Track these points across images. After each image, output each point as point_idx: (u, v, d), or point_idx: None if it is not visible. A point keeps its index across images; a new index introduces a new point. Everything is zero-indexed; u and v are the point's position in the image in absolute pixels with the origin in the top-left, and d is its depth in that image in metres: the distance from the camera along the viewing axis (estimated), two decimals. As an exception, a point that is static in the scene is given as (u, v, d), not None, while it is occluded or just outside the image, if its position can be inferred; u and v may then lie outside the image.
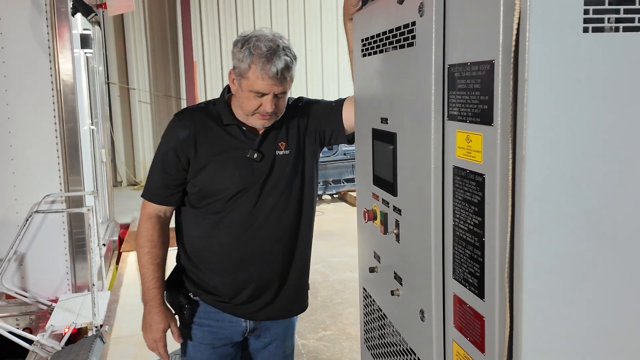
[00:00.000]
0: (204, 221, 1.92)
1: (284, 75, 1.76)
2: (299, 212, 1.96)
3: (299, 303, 2.09)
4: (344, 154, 8.62)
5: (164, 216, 1.97)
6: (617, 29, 0.95)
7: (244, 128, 1.89)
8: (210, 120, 1.90)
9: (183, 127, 1.89)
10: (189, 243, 1.99)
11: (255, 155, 1.87)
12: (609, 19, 0.94)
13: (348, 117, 1.92)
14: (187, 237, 1.99)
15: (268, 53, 1.73)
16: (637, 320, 1.03)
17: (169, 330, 1.96)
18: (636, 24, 0.95)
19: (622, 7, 0.95)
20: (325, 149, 2.59)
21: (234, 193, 1.87)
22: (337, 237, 6.54)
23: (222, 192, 1.87)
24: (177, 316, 2.00)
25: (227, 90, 1.93)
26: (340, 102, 1.98)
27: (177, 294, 1.99)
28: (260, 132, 1.90)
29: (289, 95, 2.01)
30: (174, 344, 2.02)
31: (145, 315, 1.94)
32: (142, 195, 1.97)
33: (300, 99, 2.04)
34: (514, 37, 0.94)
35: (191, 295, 1.99)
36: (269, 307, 1.99)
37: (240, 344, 2.07)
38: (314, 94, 2.20)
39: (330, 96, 2.16)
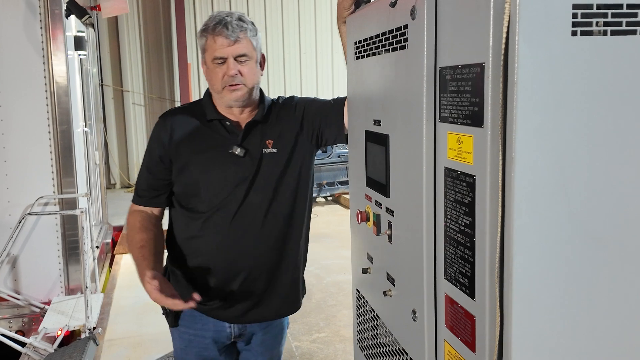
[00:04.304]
0: (193, 221, 1.90)
1: (238, 35, 1.79)
2: (290, 213, 1.93)
3: (288, 305, 2.04)
4: (338, 157, 8.63)
5: (152, 213, 1.99)
6: (605, 33, 0.96)
7: (227, 123, 1.88)
8: (193, 118, 1.91)
9: (164, 127, 1.91)
10: (178, 244, 1.97)
11: (238, 151, 1.84)
12: (597, 22, 0.96)
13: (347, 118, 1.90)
14: (177, 238, 1.97)
15: (217, 19, 1.81)
16: (626, 319, 1.05)
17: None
18: (624, 27, 0.97)
19: (610, 11, 0.96)
20: (319, 151, 2.58)
21: (218, 191, 1.86)
22: (331, 239, 6.55)
23: (206, 191, 1.86)
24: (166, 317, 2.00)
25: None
26: (340, 102, 1.93)
27: None
28: (243, 125, 1.89)
29: (280, 95, 2.02)
30: (170, 348, 2.02)
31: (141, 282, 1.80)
32: (132, 200, 2.01)
33: (292, 97, 2.02)
34: (503, 40, 0.95)
35: None
36: (255, 310, 1.96)
37: (230, 349, 2.05)
38: (308, 95, 2.20)
39: (324, 97, 2.11)
